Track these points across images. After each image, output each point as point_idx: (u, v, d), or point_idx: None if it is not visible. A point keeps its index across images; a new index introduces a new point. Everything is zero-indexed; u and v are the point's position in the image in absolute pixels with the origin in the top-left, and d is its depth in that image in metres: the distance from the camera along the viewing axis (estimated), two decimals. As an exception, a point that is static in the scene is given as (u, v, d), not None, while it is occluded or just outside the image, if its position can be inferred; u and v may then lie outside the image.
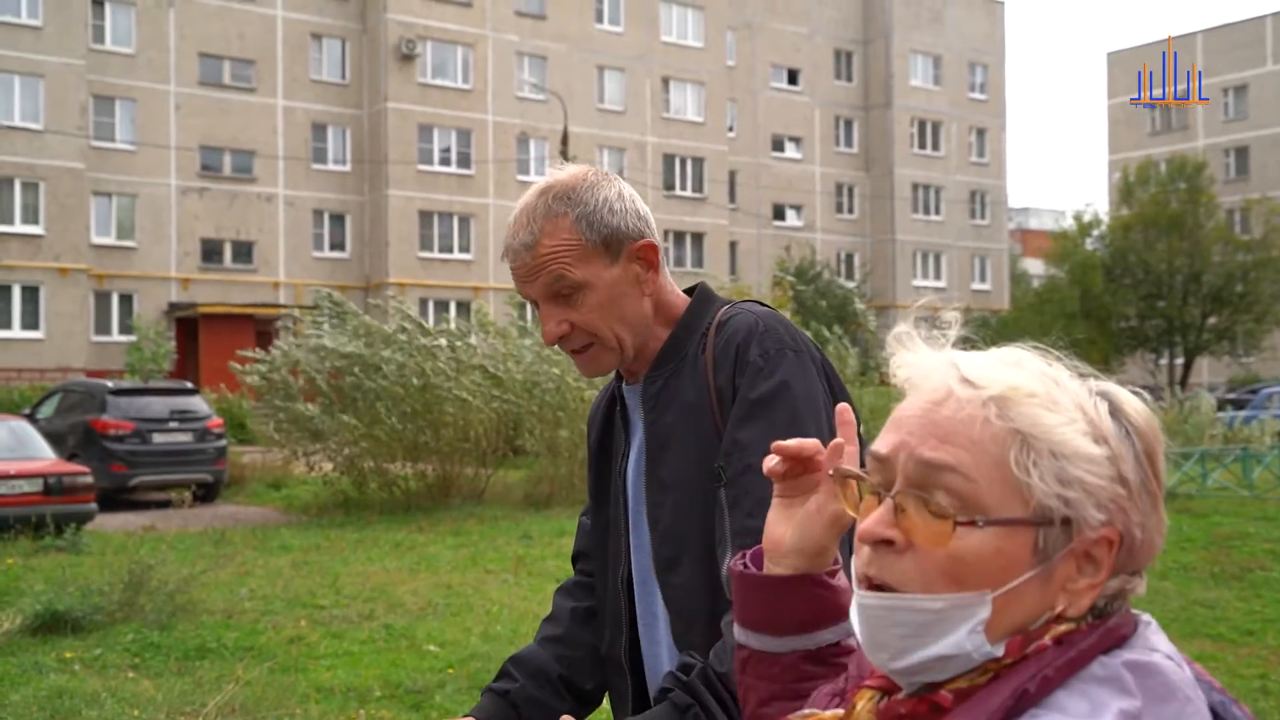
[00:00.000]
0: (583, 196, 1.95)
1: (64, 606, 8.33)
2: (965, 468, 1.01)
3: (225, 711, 6.17)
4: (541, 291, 1.95)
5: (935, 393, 1.07)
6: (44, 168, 33.48)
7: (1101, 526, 1.01)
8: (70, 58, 33.95)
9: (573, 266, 1.93)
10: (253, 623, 8.74)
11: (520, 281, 1.97)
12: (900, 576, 1.03)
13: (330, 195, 39.76)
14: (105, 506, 15.46)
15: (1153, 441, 1.06)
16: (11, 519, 13.00)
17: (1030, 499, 1.01)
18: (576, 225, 1.93)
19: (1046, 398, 1.04)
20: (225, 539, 13.06)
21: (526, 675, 2.07)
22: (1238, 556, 11.48)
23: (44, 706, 6.27)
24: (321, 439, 16.69)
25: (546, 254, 1.92)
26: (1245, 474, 17.00)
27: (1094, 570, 1.02)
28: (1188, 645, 7.91)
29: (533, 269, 1.94)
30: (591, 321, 1.95)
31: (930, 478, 1.02)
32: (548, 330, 1.96)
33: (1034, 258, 67.32)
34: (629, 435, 2.07)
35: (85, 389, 19.55)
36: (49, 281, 33.53)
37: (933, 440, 1.03)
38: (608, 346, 1.98)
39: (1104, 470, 1.02)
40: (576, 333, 1.97)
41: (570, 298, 1.95)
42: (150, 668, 7.36)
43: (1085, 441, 1.02)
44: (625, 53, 44.19)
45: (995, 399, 1.03)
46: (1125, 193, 45.22)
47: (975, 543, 1.01)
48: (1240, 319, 43.38)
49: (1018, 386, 1.05)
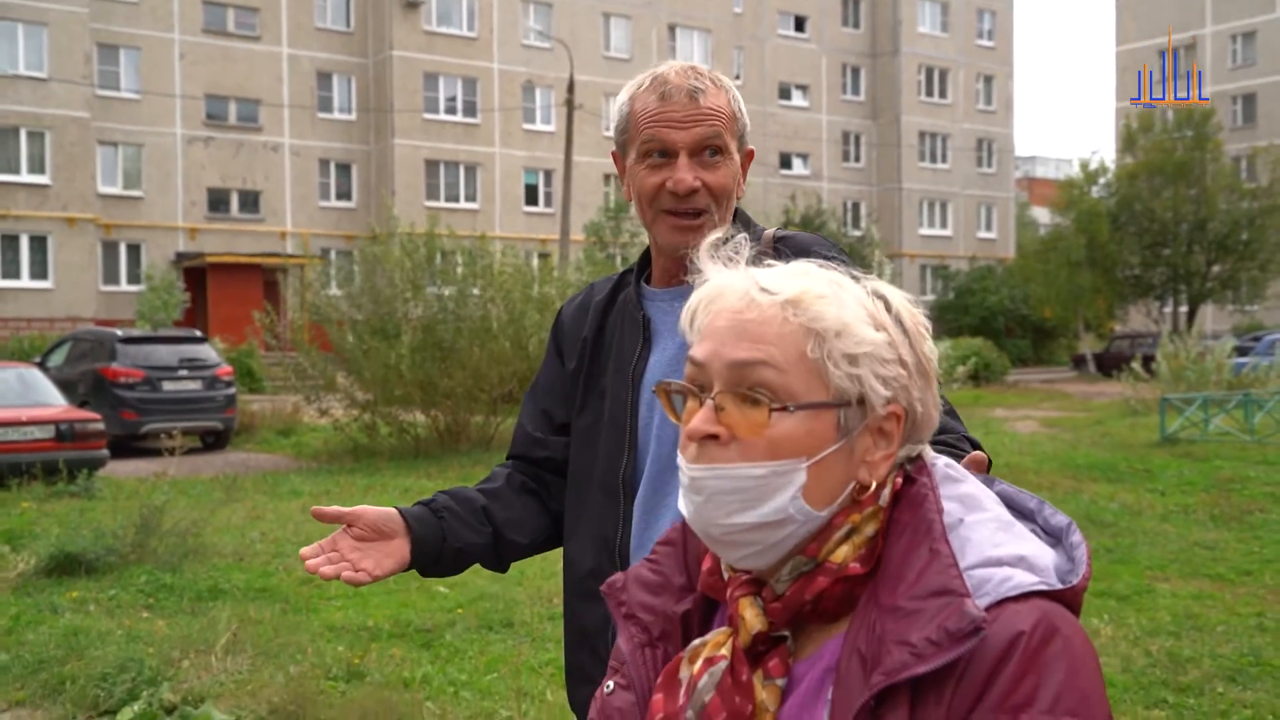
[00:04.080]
0: (733, 88, 2.07)
1: (77, 549, 8.43)
2: (775, 361, 1.14)
3: (237, 649, 6.25)
4: (692, 141, 2.00)
5: (739, 303, 1.18)
6: (49, 117, 33.33)
7: (889, 403, 1.17)
8: (73, 5, 33.67)
9: (725, 134, 2.02)
10: (263, 565, 8.85)
11: (667, 124, 2.00)
12: (725, 460, 1.16)
13: (336, 144, 39.60)
14: (116, 453, 15.58)
15: (919, 329, 1.22)
16: (25, 465, 13.10)
17: (829, 384, 1.15)
18: (733, 104, 2.04)
19: (833, 297, 1.18)
20: (236, 485, 13.15)
21: (452, 497, 2.14)
22: (1237, 500, 11.54)
23: (60, 644, 6.35)
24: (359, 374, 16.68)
25: (710, 110, 2.00)
26: (1247, 419, 17.02)
27: (886, 443, 1.18)
28: (1187, 584, 8.01)
29: (693, 116, 1.99)
30: (717, 189, 2.01)
31: (745, 375, 1.15)
32: (684, 178, 1.99)
33: (1040, 206, 67.10)
34: (651, 337, 2.10)
35: (95, 337, 19.60)
36: (57, 231, 33.50)
37: (744, 343, 1.16)
38: (715, 221, 2.01)
39: (886, 353, 1.17)
40: (703, 194, 2.01)
41: (710, 161, 2.01)
42: (163, 608, 7.45)
43: (868, 330, 1.17)
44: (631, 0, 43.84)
45: (790, 301, 1.16)
46: (1131, 140, 44.88)
47: (788, 427, 1.14)
48: (1245, 267, 43.14)
49: (808, 289, 1.17)
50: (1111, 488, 12.47)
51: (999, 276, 48.59)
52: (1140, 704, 5.45)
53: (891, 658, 1.07)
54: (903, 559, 1.13)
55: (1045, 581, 1.11)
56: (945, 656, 1.05)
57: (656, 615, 1.30)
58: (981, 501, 1.20)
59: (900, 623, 1.09)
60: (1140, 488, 12.47)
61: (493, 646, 6.54)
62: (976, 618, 1.05)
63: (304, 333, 17.98)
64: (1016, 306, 46.63)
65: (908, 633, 1.08)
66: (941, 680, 1.06)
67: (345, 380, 17.11)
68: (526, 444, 2.27)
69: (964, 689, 1.05)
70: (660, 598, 1.31)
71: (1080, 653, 1.08)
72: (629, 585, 1.34)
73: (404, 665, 6.09)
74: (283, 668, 5.91)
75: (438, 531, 2.05)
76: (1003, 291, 46.97)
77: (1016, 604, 1.08)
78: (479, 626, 6.95)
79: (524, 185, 41.95)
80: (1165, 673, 5.92)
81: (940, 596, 1.08)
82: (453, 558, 2.09)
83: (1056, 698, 1.04)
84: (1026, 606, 1.08)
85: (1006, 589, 1.09)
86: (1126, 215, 43.36)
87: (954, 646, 1.05)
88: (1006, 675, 1.05)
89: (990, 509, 1.19)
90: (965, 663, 1.06)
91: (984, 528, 1.16)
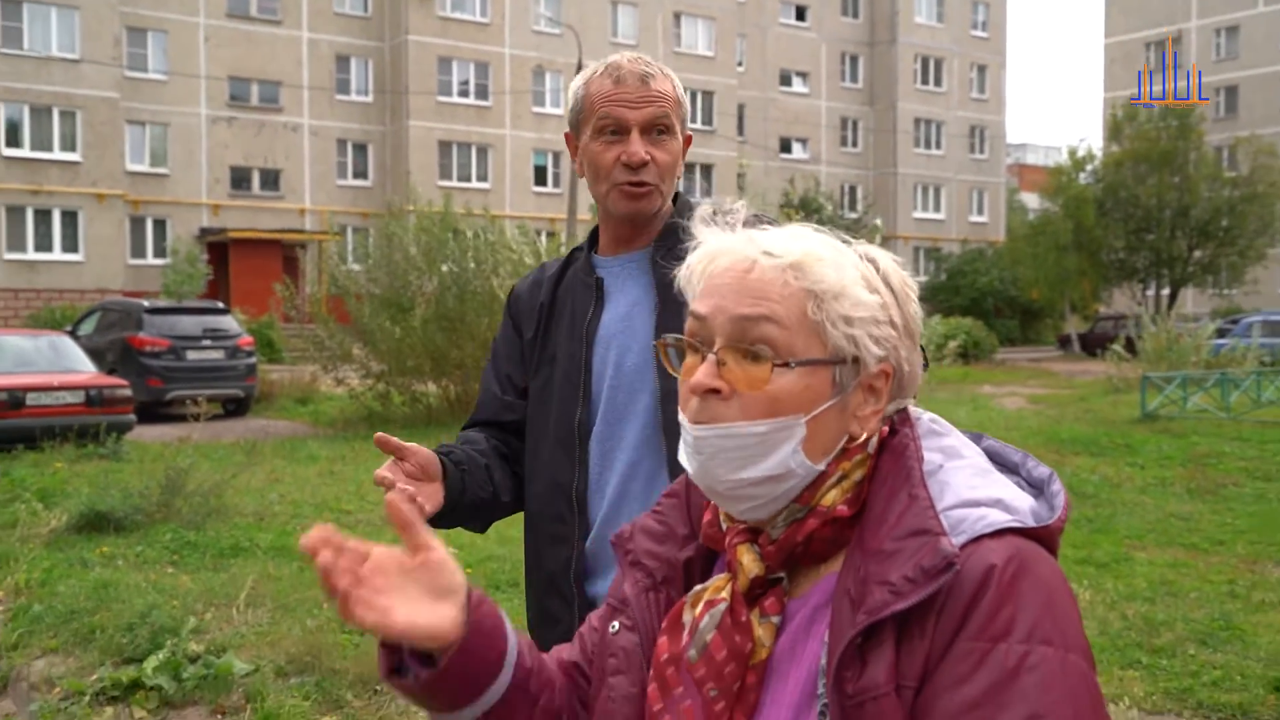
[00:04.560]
0: (677, 80, 2.22)
1: (106, 507, 8.48)
2: (779, 318, 1.15)
3: (257, 603, 6.30)
4: (642, 120, 2.14)
5: (743, 263, 1.19)
6: (80, 97, 33.27)
7: (880, 361, 1.19)
8: (104, -10, 33.63)
9: (672, 116, 2.17)
10: (282, 525, 8.89)
11: (622, 104, 2.13)
12: (726, 417, 1.17)
13: (353, 125, 39.52)
14: (143, 418, 15.63)
15: (907, 292, 1.24)
16: (57, 427, 13.16)
17: (827, 342, 1.17)
18: (677, 91, 2.20)
19: (833, 261, 1.18)
20: (256, 450, 13.17)
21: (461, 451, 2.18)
22: (1213, 474, 11.57)
23: (90, 596, 6.39)
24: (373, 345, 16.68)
25: (658, 93, 2.15)
26: (1223, 397, 17.05)
27: (876, 399, 1.20)
28: (1163, 553, 8.04)
29: (644, 98, 2.14)
30: (664, 165, 2.16)
31: (748, 331, 1.16)
32: (637, 151, 2.12)
33: (1030, 192, 66.81)
34: (603, 297, 2.21)
35: (123, 308, 19.62)
36: (87, 207, 33.49)
37: (748, 299, 1.16)
38: (662, 193, 2.18)
39: (879, 314, 1.19)
40: (651, 168, 2.14)
41: (658, 139, 2.15)
42: (187, 564, 7.50)
43: (863, 292, 1.18)
44: (638, -12, 43.66)
45: (793, 265, 1.17)
46: (1117, 129, 44.72)
47: (788, 382, 1.16)
48: (1225, 253, 43.10)
49: (809, 252, 1.18)
50: (1093, 461, 12.50)
51: (989, 259, 48.50)
52: (1116, 665, 5.48)
53: (873, 597, 1.08)
54: (885, 504, 1.15)
55: (1019, 520, 1.12)
56: (922, 593, 1.06)
57: (660, 561, 1.31)
58: (961, 451, 1.21)
59: (882, 564, 1.10)
60: (1120, 461, 12.50)
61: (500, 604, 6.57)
62: (950, 554, 1.07)
63: (322, 305, 18.00)
64: (1005, 288, 46.57)
65: (888, 572, 1.09)
66: (923, 614, 1.07)
67: (361, 351, 17.14)
68: (495, 408, 2.33)
69: (944, 622, 1.07)
70: (664, 545, 1.32)
71: (1053, 585, 1.09)
72: (635, 534, 1.35)
73: (416, 620, 6.11)
74: (300, 621, 5.96)
75: (459, 484, 2.10)
76: (992, 273, 46.91)
77: (991, 540, 1.09)
78: (487, 585, 6.99)
79: (533, 166, 41.84)
80: (1140, 635, 5.96)
81: (918, 537, 1.10)
82: (466, 510, 2.13)
83: (1033, 627, 1.04)
84: (1000, 543, 1.09)
85: (981, 526, 1.10)
86: (1112, 201, 43.25)
87: (929, 582, 1.06)
88: (983, 607, 1.06)
89: (969, 458, 1.21)
90: (944, 597, 1.07)
91: (962, 473, 1.17)
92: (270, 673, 5.10)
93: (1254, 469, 11.85)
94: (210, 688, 4.98)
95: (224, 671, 5.03)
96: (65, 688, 5.20)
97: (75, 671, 5.40)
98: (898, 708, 1.06)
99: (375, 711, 4.73)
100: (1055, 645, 1.05)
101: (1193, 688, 5.15)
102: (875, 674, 1.07)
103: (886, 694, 1.06)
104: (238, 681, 5.01)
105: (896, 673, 1.07)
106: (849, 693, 1.08)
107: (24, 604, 6.42)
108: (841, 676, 1.08)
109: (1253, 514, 9.50)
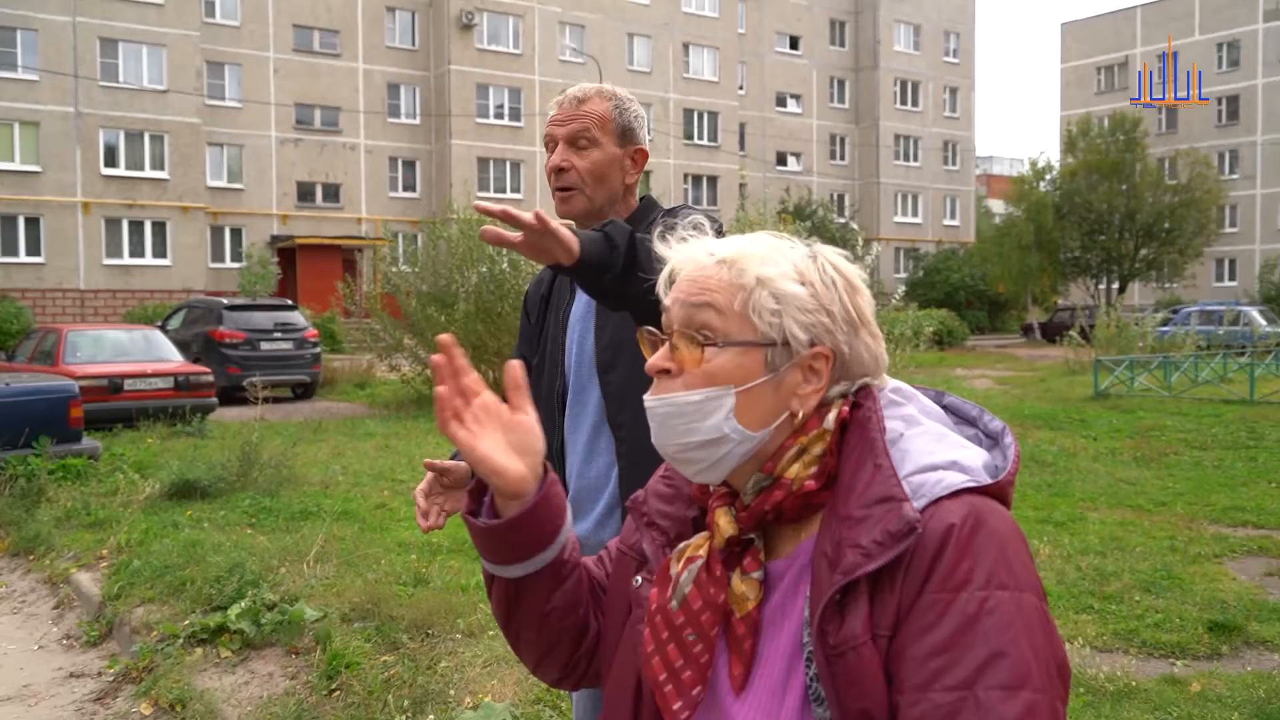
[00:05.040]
0: (624, 100, 2.25)
1: (193, 477, 8.53)
2: (717, 304, 1.18)
3: (324, 559, 6.34)
4: (566, 134, 2.20)
5: (696, 266, 1.22)
6: (167, 123, 33.36)
7: (811, 345, 1.18)
8: (187, 29, 33.65)
9: (596, 129, 2.20)
10: (345, 492, 8.92)
11: (555, 124, 2.22)
12: (672, 390, 1.20)
13: (403, 144, 39.51)
14: (223, 401, 15.71)
15: (853, 284, 1.22)
16: (150, 409, 13.27)
17: (757, 327, 1.18)
18: (612, 110, 2.21)
19: (764, 258, 1.20)
20: (321, 428, 13.24)
21: None
22: (1156, 444, 11.53)
23: (181, 553, 6.43)
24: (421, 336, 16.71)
25: (584, 112, 2.20)
26: (1165, 378, 16.98)
27: (816, 379, 1.19)
28: (1113, 513, 8.03)
29: (570, 116, 2.21)
30: (584, 170, 2.20)
31: (694, 317, 1.19)
32: (554, 161, 2.20)
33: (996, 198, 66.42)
34: (574, 293, 2.31)
35: (205, 305, 19.72)
36: (174, 218, 33.60)
37: (695, 290, 1.20)
38: (586, 196, 2.21)
39: (807, 304, 1.18)
40: (571, 173, 2.19)
41: (582, 149, 2.19)
42: (263, 526, 7.54)
43: (791, 285, 1.18)
44: (651, 22, 43.44)
45: (726, 260, 1.20)
46: (1072, 143, 44.48)
47: (723, 360, 1.18)
48: (1166, 251, 42.88)
49: (744, 252, 1.21)
50: (1052, 434, 12.46)
51: (961, 258, 48.27)
52: (1071, 609, 5.49)
53: (847, 559, 1.08)
54: (853, 474, 1.14)
55: (974, 479, 1.11)
56: (889, 554, 1.06)
57: (672, 520, 1.31)
58: (919, 419, 1.20)
59: (853, 529, 1.10)
60: (1076, 434, 12.46)
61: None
62: (912, 519, 1.07)
63: (377, 302, 18.04)
64: (975, 283, 46.35)
65: (859, 537, 1.09)
66: (892, 572, 1.07)
67: (411, 341, 17.18)
68: None
69: (910, 577, 1.07)
70: (674, 505, 1.32)
71: (1006, 535, 1.08)
72: (648, 498, 1.35)
73: (460, 574, 6.13)
74: (361, 574, 5.99)
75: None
76: (964, 270, 46.68)
77: (949, 501, 1.09)
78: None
79: (561, 179, 41.74)
80: (1092, 584, 5.96)
81: (883, 504, 1.09)
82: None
83: (990, 575, 1.05)
84: (957, 503, 1.08)
85: (939, 489, 1.09)
86: (1068, 207, 43.09)
87: (895, 544, 1.06)
88: (945, 562, 1.05)
89: (926, 424, 1.19)
90: (909, 555, 1.07)
91: (920, 439, 1.16)
92: (336, 618, 5.14)
93: (1192, 440, 11.81)
94: (285, 631, 5.04)
95: (296, 618, 5.08)
96: (161, 631, 5.26)
97: (169, 618, 5.46)
98: (874, 654, 1.06)
99: (428, 652, 4.77)
100: (1010, 588, 1.05)
101: (1138, 629, 5.16)
102: (853, 626, 1.07)
103: (864, 643, 1.07)
104: (308, 626, 5.05)
105: (871, 624, 1.07)
106: (831, 644, 1.08)
107: (125, 560, 6.49)
108: (824, 630, 1.09)
109: (1190, 479, 9.47)
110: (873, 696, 1.06)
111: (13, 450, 8.81)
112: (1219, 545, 6.94)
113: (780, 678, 1.14)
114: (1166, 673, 4.61)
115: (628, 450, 2.13)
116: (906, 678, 1.04)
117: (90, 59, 32.22)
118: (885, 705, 1.06)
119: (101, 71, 32.49)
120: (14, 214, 31.40)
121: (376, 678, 4.41)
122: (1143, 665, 4.74)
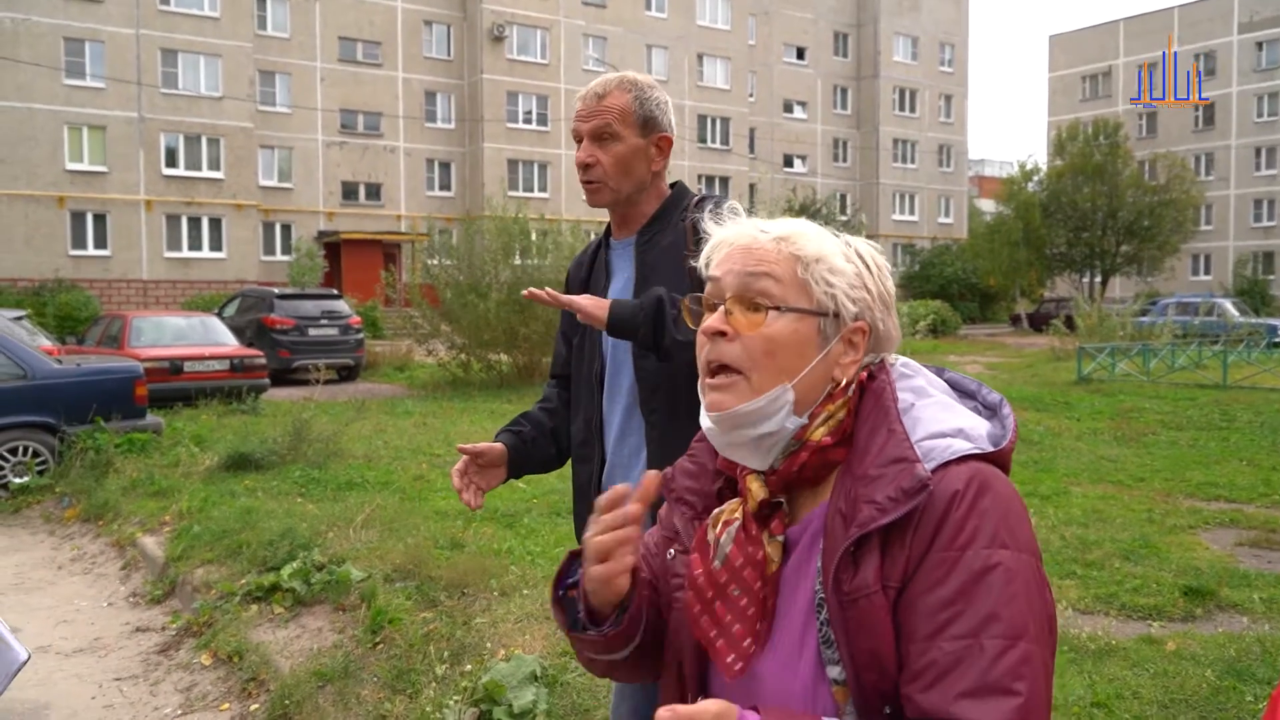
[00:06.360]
0: (645, 89, 2.14)
1: (248, 450, 8.61)
2: (775, 274, 1.18)
3: (368, 525, 6.38)
4: (590, 130, 2.12)
5: (746, 239, 1.22)
6: (223, 127, 33.46)
7: (856, 319, 1.19)
8: (240, 41, 33.70)
9: (617, 123, 2.10)
10: (386, 465, 8.95)
11: (580, 119, 2.14)
12: (731, 355, 1.18)
13: (439, 147, 39.52)
14: (274, 382, 15.81)
15: (882, 268, 1.25)
16: (208, 389, 13.35)
17: (812, 297, 1.18)
18: (632, 102, 2.11)
19: (816, 236, 1.22)
20: (364, 407, 13.29)
21: (530, 423, 2.29)
22: (1135, 425, 11.47)
23: (238, 520, 6.48)
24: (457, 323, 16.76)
25: (604, 107, 2.11)
26: (1144, 364, 16.87)
27: (854, 351, 1.20)
28: (1095, 488, 7.99)
29: (593, 112, 2.12)
30: (607, 164, 2.12)
31: (751, 285, 1.18)
32: (580, 157, 2.13)
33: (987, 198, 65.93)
34: (611, 274, 2.23)
35: (258, 294, 19.81)
36: (229, 215, 33.74)
37: (751, 261, 1.19)
38: (610, 189, 2.14)
39: (854, 280, 1.20)
40: (596, 168, 2.12)
41: (605, 142, 2.11)
42: (313, 495, 7.58)
43: (841, 260, 1.20)
44: (668, 34, 43.25)
45: (783, 237, 1.21)
46: (1059, 147, 44.13)
47: (780, 326, 1.17)
48: (1146, 247, 42.50)
49: (797, 229, 1.22)
50: (1039, 415, 12.41)
51: (954, 253, 47.98)
52: (1056, 575, 5.47)
53: (862, 513, 1.09)
54: (868, 438, 1.15)
55: (978, 446, 1.12)
56: (902, 509, 1.07)
57: (698, 495, 1.30)
58: (929, 390, 1.21)
59: (868, 487, 1.10)
60: (1061, 415, 12.41)
61: (560, 527, 6.62)
62: (924, 478, 1.07)
63: (417, 292, 18.07)
64: (967, 277, 46.09)
65: (874, 494, 1.09)
66: (903, 529, 1.08)
67: (447, 328, 17.22)
68: (562, 363, 2.39)
69: (919, 535, 1.07)
70: (699, 480, 1.31)
71: (1008, 498, 1.09)
72: (676, 475, 1.34)
73: (494, 540, 6.17)
74: (402, 539, 6.01)
75: (524, 454, 2.22)
76: (957, 265, 46.41)
77: (956, 465, 1.09)
78: (550, 513, 7.05)
79: (584, 180, 41.69)
80: (1075, 552, 5.95)
81: (897, 464, 1.10)
82: (534, 468, 2.27)
83: (992, 534, 1.05)
84: (963, 467, 1.09)
85: (948, 454, 1.10)
86: (1055, 206, 42.72)
87: (908, 501, 1.07)
88: (951, 522, 1.06)
89: (935, 395, 1.21)
90: (919, 514, 1.07)
91: (930, 409, 1.17)
92: (380, 579, 5.17)
93: (1168, 421, 11.74)
94: (333, 590, 5.07)
95: (343, 578, 5.11)
96: (220, 589, 5.31)
97: (227, 577, 5.51)
98: (884, 603, 1.07)
99: (464, 609, 4.79)
100: (1011, 548, 1.06)
101: (1117, 593, 5.14)
102: (865, 575, 1.08)
103: (875, 592, 1.07)
104: (354, 585, 5.08)
105: (882, 576, 1.08)
106: (845, 591, 1.09)
107: (186, 525, 6.55)
108: (839, 578, 1.09)
109: (1167, 457, 9.42)
110: (881, 638, 1.07)
111: (83, 425, 8.88)
112: (1193, 517, 6.91)
113: (799, 633, 1.15)
114: (1144, 633, 4.59)
115: (658, 435, 2.06)
116: (917, 628, 1.05)
117: (152, 68, 32.34)
118: (892, 646, 1.07)
119: (162, 80, 32.60)
120: (83, 211, 31.60)
121: (417, 632, 4.44)
122: (1122, 626, 4.73)
